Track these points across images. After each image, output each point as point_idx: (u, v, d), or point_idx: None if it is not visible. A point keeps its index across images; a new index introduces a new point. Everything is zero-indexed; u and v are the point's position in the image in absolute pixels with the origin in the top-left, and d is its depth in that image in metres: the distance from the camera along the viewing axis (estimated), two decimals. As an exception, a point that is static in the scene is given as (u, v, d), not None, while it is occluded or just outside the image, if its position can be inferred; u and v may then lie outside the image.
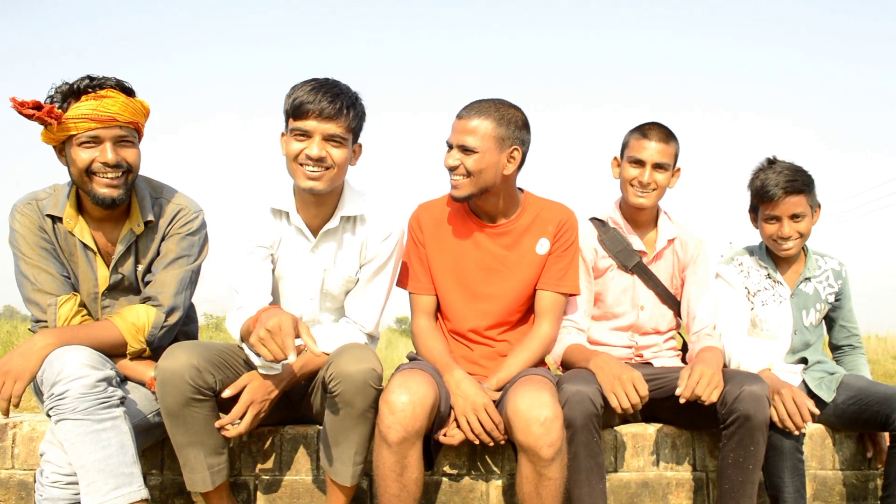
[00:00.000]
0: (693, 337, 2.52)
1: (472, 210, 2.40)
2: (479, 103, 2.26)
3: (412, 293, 2.43)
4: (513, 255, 2.36)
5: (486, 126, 2.22)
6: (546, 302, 2.38)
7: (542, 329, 2.36)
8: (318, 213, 2.28)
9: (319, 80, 2.15)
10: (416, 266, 2.41)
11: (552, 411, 1.95)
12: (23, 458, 2.37)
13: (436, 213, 2.42)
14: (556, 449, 1.94)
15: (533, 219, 2.38)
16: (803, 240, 2.55)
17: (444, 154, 2.31)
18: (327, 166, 2.13)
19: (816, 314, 2.64)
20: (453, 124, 2.28)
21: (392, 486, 1.96)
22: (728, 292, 2.61)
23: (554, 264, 2.37)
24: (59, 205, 2.15)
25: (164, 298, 2.17)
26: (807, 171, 2.53)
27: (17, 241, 2.13)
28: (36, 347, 1.95)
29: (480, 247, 2.37)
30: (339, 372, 1.98)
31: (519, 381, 2.13)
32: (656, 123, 2.48)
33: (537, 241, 2.37)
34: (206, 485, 2.10)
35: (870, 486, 2.61)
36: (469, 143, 2.22)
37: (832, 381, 2.54)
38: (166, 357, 2.01)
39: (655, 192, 2.45)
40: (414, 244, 2.42)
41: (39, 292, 2.10)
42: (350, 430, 2.04)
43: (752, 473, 2.15)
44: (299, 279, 2.32)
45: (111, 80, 2.07)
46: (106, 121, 2.04)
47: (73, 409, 1.86)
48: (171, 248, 2.22)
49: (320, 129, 2.10)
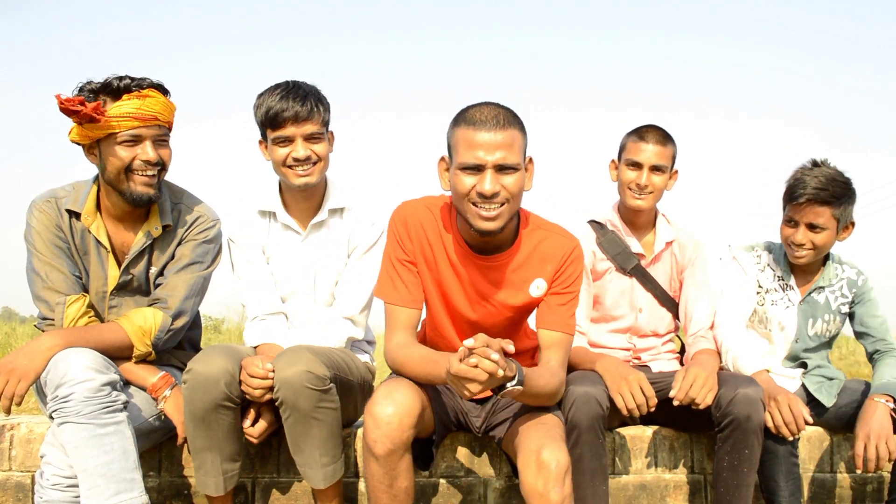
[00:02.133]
0: (690, 339, 2.52)
1: (460, 231, 2.01)
2: (498, 109, 1.86)
3: (391, 304, 2.03)
4: (501, 293, 2.04)
5: (519, 138, 1.86)
6: (551, 340, 2.02)
7: (550, 367, 1.99)
8: (306, 208, 2.37)
9: (283, 85, 2.27)
10: (402, 273, 2.02)
11: (564, 458, 1.80)
12: (20, 460, 2.37)
13: (422, 217, 2.04)
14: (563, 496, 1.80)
15: (530, 253, 2.02)
16: (817, 252, 2.44)
17: (461, 177, 1.84)
18: (314, 161, 2.27)
19: (824, 325, 2.57)
20: (477, 139, 1.81)
21: (383, 498, 1.91)
22: (738, 276, 2.58)
23: (554, 303, 2.03)
24: (78, 201, 2.17)
25: (173, 302, 2.18)
26: (846, 184, 2.38)
27: (33, 238, 2.14)
28: (42, 347, 1.94)
29: (465, 275, 2.03)
30: (278, 378, 2.00)
31: (531, 423, 1.95)
32: (653, 126, 2.48)
33: (532, 282, 2.02)
34: (218, 489, 2.11)
35: (867, 488, 2.61)
36: (510, 160, 1.83)
37: (832, 385, 2.53)
38: (201, 361, 2.02)
39: (653, 195, 2.45)
40: (400, 247, 2.03)
41: (49, 290, 2.11)
42: (306, 434, 2.05)
43: (746, 476, 2.15)
44: (292, 275, 2.37)
45: (148, 81, 2.11)
46: (148, 119, 2.08)
47: (77, 413, 1.85)
48: (186, 253, 2.24)
49: (299, 131, 2.23)
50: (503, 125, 1.81)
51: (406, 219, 2.04)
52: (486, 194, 1.81)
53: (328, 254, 2.38)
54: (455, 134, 1.87)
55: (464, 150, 1.83)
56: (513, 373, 1.71)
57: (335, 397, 2.07)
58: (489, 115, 1.83)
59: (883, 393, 2.31)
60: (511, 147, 1.82)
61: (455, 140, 1.87)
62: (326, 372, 2.02)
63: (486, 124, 1.81)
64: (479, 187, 1.82)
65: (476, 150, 1.81)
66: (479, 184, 1.82)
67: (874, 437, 2.19)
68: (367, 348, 2.52)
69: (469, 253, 2.01)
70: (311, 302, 2.39)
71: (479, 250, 2.00)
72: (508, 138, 1.82)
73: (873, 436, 2.19)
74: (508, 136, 1.82)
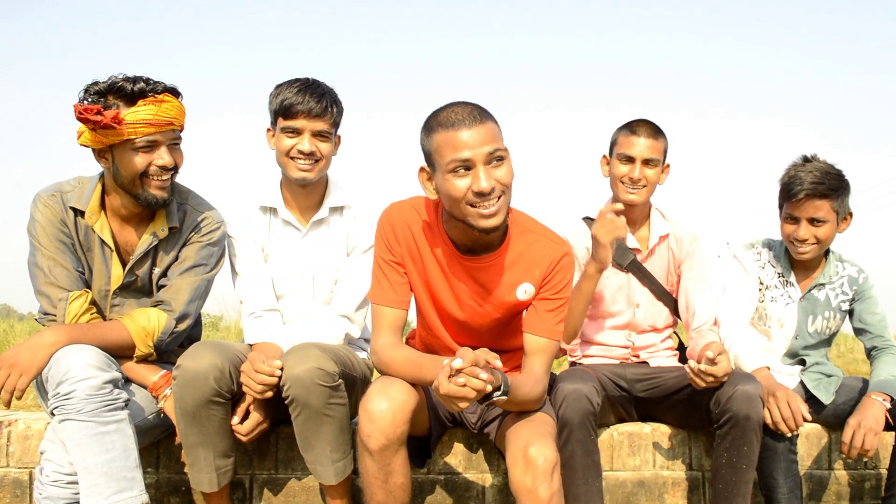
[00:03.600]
0: (693, 333, 2.50)
1: (447, 231, 1.99)
2: (469, 106, 1.84)
3: (377, 304, 2.04)
4: (488, 295, 2.03)
5: (497, 129, 1.85)
6: (535, 347, 2.00)
7: (534, 374, 1.97)
8: (306, 205, 2.39)
9: (303, 80, 2.30)
10: (388, 274, 2.03)
11: (553, 455, 1.82)
12: (18, 457, 2.37)
13: (408, 218, 2.03)
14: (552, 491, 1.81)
15: (518, 256, 1.99)
16: (821, 246, 2.45)
17: (452, 181, 1.81)
18: (317, 159, 2.30)
19: (824, 322, 2.57)
20: (460, 139, 1.77)
21: (378, 494, 1.92)
22: (740, 276, 2.58)
23: (541, 308, 2.00)
24: (83, 198, 2.15)
25: (177, 305, 2.17)
26: (840, 176, 2.42)
27: (36, 232, 2.12)
28: (45, 343, 1.94)
29: (453, 276, 2.02)
30: (287, 375, 2.00)
31: (521, 421, 1.95)
32: (644, 120, 2.48)
33: (519, 285, 2.00)
34: (212, 485, 2.11)
35: (866, 485, 2.61)
36: (500, 153, 1.81)
37: (830, 383, 2.53)
38: (190, 356, 2.02)
39: (646, 189, 2.45)
40: (387, 248, 2.03)
41: (52, 285, 2.09)
42: (317, 431, 2.05)
43: (745, 473, 2.15)
44: (291, 271, 2.38)
45: (163, 84, 2.08)
46: (164, 125, 2.06)
47: (79, 411, 1.85)
48: (190, 255, 2.23)
49: (309, 126, 2.27)
50: (480, 119, 1.79)
51: (393, 220, 2.03)
52: (484, 191, 1.77)
53: (328, 251, 2.39)
54: (433, 141, 1.83)
55: (449, 153, 1.78)
56: (499, 382, 1.70)
57: (344, 393, 2.08)
58: (463, 113, 1.79)
59: (880, 391, 2.33)
60: (495, 138, 1.81)
61: (435, 146, 1.82)
62: (336, 368, 2.03)
63: (464, 122, 1.78)
64: (474, 186, 1.78)
65: (462, 150, 1.77)
66: (474, 182, 1.78)
67: (864, 427, 2.24)
68: (365, 346, 2.52)
69: (456, 254, 1.99)
70: (309, 299, 2.39)
71: (467, 250, 1.98)
72: (489, 130, 1.79)
73: (864, 425, 2.24)
74: (488, 128, 1.79)
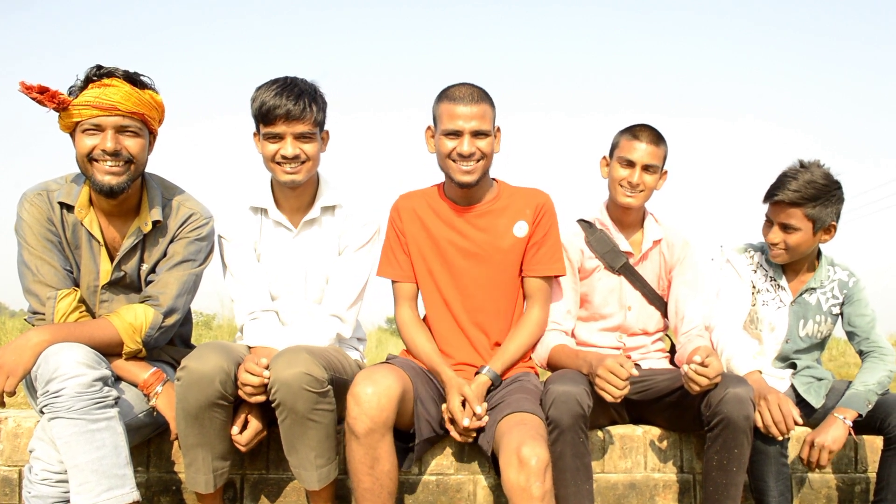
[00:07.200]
0: (682, 338, 2.51)
1: (448, 196, 2.42)
2: (472, 87, 2.29)
3: (394, 281, 2.44)
4: (490, 238, 2.37)
5: (489, 111, 2.30)
6: (533, 288, 2.41)
7: (532, 314, 2.41)
8: (297, 205, 2.38)
9: (280, 82, 2.24)
10: (397, 254, 2.42)
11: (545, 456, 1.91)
12: (7, 454, 2.35)
13: (414, 202, 2.44)
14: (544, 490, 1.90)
15: (509, 202, 2.40)
16: (790, 253, 2.46)
17: (444, 141, 2.29)
18: (303, 161, 2.26)
19: (815, 326, 2.58)
20: (456, 111, 2.25)
21: (364, 480, 1.97)
22: (733, 280, 2.59)
23: (536, 250, 2.39)
24: (71, 194, 2.15)
25: (165, 299, 2.16)
26: (825, 187, 2.38)
27: (24, 231, 2.12)
28: (30, 343, 1.93)
29: (459, 231, 2.38)
30: (275, 379, 1.99)
31: (513, 423, 2.05)
32: (647, 125, 2.49)
33: (515, 224, 2.37)
34: (208, 487, 2.11)
35: (856, 489, 2.62)
36: (484, 128, 2.26)
37: (821, 386, 2.54)
38: (195, 358, 2.01)
39: (643, 193, 2.46)
40: (395, 233, 2.43)
41: (40, 284, 2.09)
42: (302, 436, 2.04)
43: (735, 476, 2.15)
44: (283, 272, 2.37)
45: (119, 71, 2.09)
46: (107, 108, 2.05)
47: (69, 408, 1.84)
48: (178, 251, 2.22)
49: (290, 130, 2.22)
50: (476, 100, 2.27)
51: (399, 207, 2.46)
52: (464, 154, 2.26)
53: (319, 251, 2.38)
54: (439, 107, 2.32)
55: (446, 120, 2.28)
56: (491, 378, 2.24)
57: (332, 399, 2.07)
58: (465, 92, 2.28)
59: (847, 407, 2.37)
60: (483, 118, 2.27)
61: (439, 112, 2.32)
62: (324, 374, 2.02)
63: (463, 99, 2.26)
64: (458, 149, 2.27)
65: (456, 120, 2.26)
66: (459, 146, 2.27)
67: (818, 445, 2.33)
68: (358, 346, 2.52)
69: (457, 208, 2.40)
70: (301, 299, 2.38)
71: (466, 204, 2.40)
72: (481, 111, 2.27)
73: (818, 443, 2.33)
74: (481, 108, 2.27)
